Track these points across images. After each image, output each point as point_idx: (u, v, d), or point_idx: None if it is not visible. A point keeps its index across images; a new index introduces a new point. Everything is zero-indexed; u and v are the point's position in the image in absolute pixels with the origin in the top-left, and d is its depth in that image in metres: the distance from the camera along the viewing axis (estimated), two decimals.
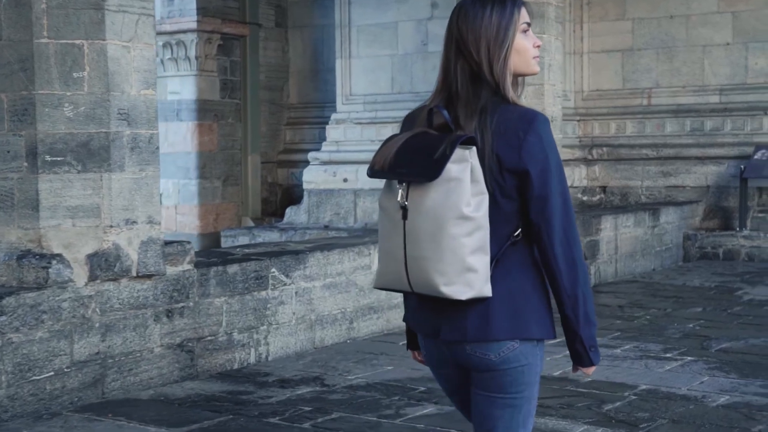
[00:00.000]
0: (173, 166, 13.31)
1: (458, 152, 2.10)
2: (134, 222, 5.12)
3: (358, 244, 6.71)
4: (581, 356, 2.25)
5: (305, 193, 12.54)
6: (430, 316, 2.23)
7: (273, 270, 5.99)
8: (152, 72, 5.20)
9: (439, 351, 2.28)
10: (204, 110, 13.18)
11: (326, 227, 12.14)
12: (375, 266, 6.79)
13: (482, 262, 2.11)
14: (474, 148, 2.13)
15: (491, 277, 2.15)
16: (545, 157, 2.17)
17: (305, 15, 14.44)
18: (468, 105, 2.19)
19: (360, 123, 12.28)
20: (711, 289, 8.61)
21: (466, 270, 2.09)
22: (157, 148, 5.26)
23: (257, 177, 14.14)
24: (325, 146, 12.56)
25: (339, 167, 12.34)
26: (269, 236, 11.96)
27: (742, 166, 10.68)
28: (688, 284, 8.94)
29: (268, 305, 5.98)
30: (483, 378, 2.23)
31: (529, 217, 2.21)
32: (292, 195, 14.07)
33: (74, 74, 4.92)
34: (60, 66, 4.91)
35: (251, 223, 13.70)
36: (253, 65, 13.99)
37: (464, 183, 2.09)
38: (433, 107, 2.23)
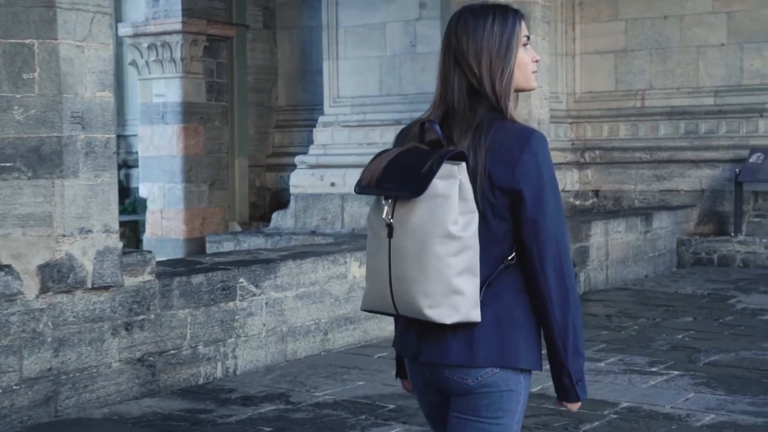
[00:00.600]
0: (159, 169, 13.07)
1: (446, 168, 2.02)
2: (89, 231, 4.86)
3: (333, 253, 6.46)
4: (567, 391, 2.16)
5: (292, 197, 12.29)
6: (414, 339, 2.15)
7: (241, 280, 5.73)
8: (108, 73, 4.94)
9: (422, 374, 2.19)
10: (190, 113, 12.94)
11: (313, 232, 11.89)
12: (351, 275, 6.54)
13: (470, 285, 2.02)
14: (463, 164, 2.04)
15: (480, 300, 2.07)
16: (539, 177, 2.09)
17: (294, 16, 14.19)
18: (464, 120, 2.11)
19: (348, 126, 12.03)
20: (703, 296, 8.35)
21: (452, 292, 2.00)
22: (114, 153, 5.00)
23: (245, 181, 13.89)
24: (312, 149, 12.32)
25: (326, 171, 12.10)
26: (254, 242, 11.71)
27: (737, 170, 10.42)
28: (680, 292, 8.68)
29: (236, 317, 5.72)
30: (460, 401, 2.14)
31: (520, 240, 2.12)
32: (281, 199, 13.81)
33: (24, 75, 4.67)
34: (8, 67, 4.65)
35: (238, 228, 13.45)
36: (240, 67, 13.75)
37: (451, 200, 2.00)
38: (426, 122, 2.15)
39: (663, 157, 11.35)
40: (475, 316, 2.04)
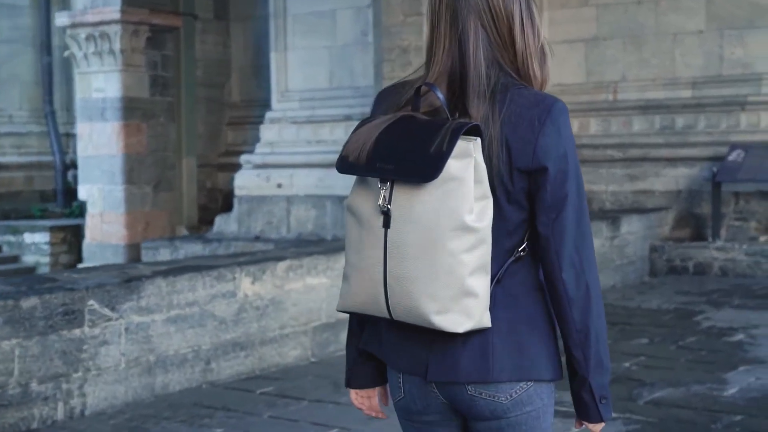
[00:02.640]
0: (98, 170, 12.16)
1: (460, 145, 1.70)
2: None
3: (218, 267, 5.51)
4: (588, 409, 1.85)
5: (235, 200, 11.39)
6: (414, 349, 1.83)
7: (91, 302, 4.78)
8: None
9: (424, 393, 1.86)
10: (131, 109, 12.03)
11: (257, 238, 10.97)
12: (242, 293, 5.59)
13: (483, 285, 1.74)
14: (479, 140, 1.72)
15: (494, 302, 1.78)
16: (564, 155, 1.79)
17: (248, 6, 13.26)
18: (478, 85, 1.78)
19: (296, 122, 11.11)
20: (668, 312, 7.38)
21: (465, 294, 1.70)
22: None
23: (193, 182, 12.98)
24: (258, 148, 11.41)
25: (273, 171, 11.17)
26: (192, 248, 10.82)
27: (714, 169, 9.45)
28: (643, 306, 7.72)
29: (85, 346, 4.77)
30: (488, 429, 1.83)
31: (536, 228, 1.81)
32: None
33: None
34: None
35: (186, 233, 12.53)
36: (188, 60, 12.84)
37: (466, 184, 1.69)
38: (425, 84, 1.79)
39: (636, 154, 10.39)
40: (487, 320, 1.75)
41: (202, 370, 5.38)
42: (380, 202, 1.73)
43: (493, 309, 1.77)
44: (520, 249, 1.82)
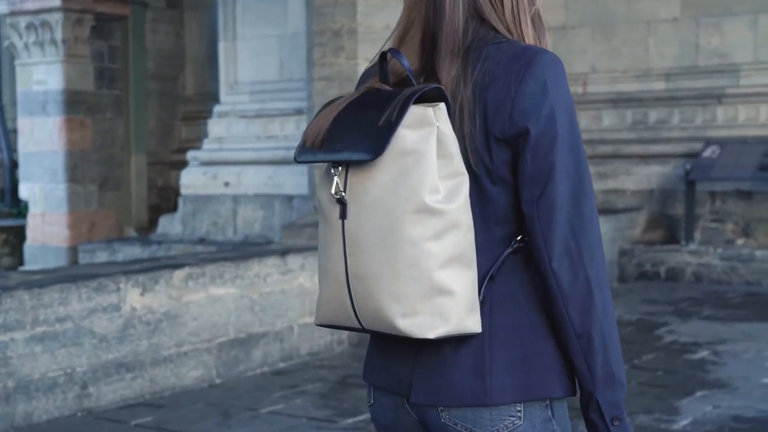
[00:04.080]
0: (39, 167, 11.46)
1: (416, 112, 1.42)
2: None
3: (99, 276, 4.80)
4: (598, 430, 1.52)
5: (180, 199, 10.66)
6: (396, 364, 1.55)
7: None
8: None
9: (395, 406, 1.58)
10: (74, 102, 11.32)
11: (202, 240, 10.26)
12: (128, 306, 4.89)
13: (462, 280, 1.43)
14: (442, 106, 1.43)
15: (484, 304, 1.49)
16: (550, 116, 1.47)
17: None
18: (452, 43, 1.51)
19: (245, 117, 10.38)
20: (629, 324, 6.68)
21: (435, 292, 1.41)
22: None
23: (143, 180, 12.27)
24: (206, 144, 10.68)
25: (220, 169, 10.44)
26: (131, 251, 10.09)
27: (688, 166, 8.76)
28: None
29: None
30: None
31: (520, 207, 1.50)
32: None
33: None
34: None
35: (134, 234, 11.83)
36: (137, 51, 12.13)
37: (427, 158, 1.41)
38: (388, 51, 1.52)
39: (606, 151, 9.68)
40: (473, 324, 1.44)
41: (76, 396, 4.67)
42: (333, 189, 1.48)
43: (489, 313, 1.50)
44: (518, 239, 1.53)
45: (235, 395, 5.00)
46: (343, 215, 1.49)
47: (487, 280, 1.51)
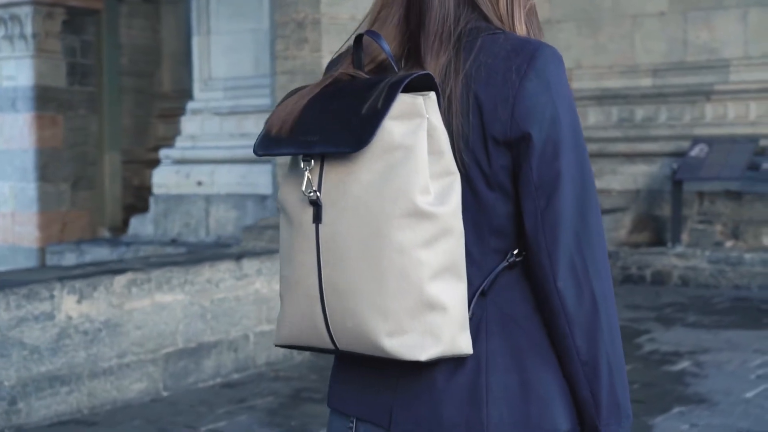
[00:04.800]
0: (9, 166, 11.14)
1: (405, 101, 1.27)
2: None
3: (30, 283, 4.46)
4: None
5: (152, 199, 10.31)
6: (374, 388, 1.37)
7: None
8: None
9: None
10: (45, 99, 10.99)
11: (173, 241, 9.91)
12: (63, 315, 4.55)
13: (454, 294, 1.27)
14: (433, 95, 1.28)
15: (480, 323, 1.35)
16: (555, 118, 1.33)
17: None
18: (441, 28, 1.36)
19: (219, 114, 10.03)
20: None
21: (427, 307, 1.25)
22: None
23: (117, 179, 11.93)
24: (179, 142, 10.33)
25: (193, 167, 10.09)
26: (99, 253, 9.75)
27: (674, 165, 8.42)
28: None
29: None
30: None
31: (522, 220, 1.36)
32: None
33: None
34: None
35: (107, 234, 11.49)
36: (111, 46, 11.79)
37: (417, 153, 1.26)
38: (366, 34, 1.35)
39: (592, 150, 9.29)
40: (465, 344, 1.29)
41: (4, 412, 4.33)
42: (304, 187, 1.30)
43: (485, 335, 1.36)
44: (515, 252, 1.38)
45: (178, 410, 4.66)
46: (317, 218, 1.31)
47: (477, 295, 1.35)
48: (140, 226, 10.37)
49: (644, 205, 9.04)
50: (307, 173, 1.30)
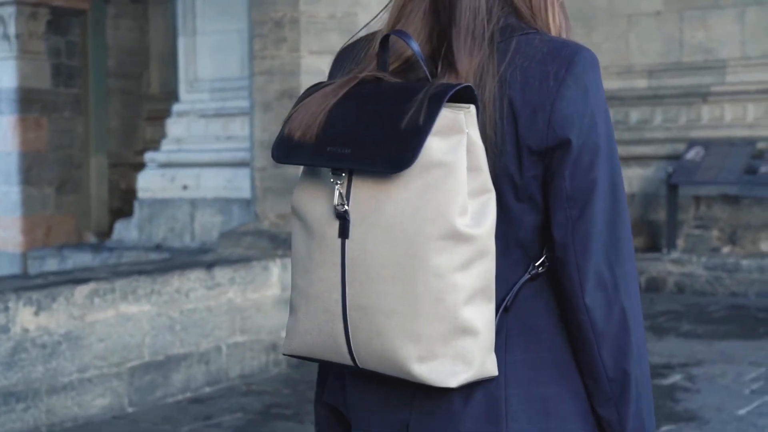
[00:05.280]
0: None
1: (446, 116, 1.21)
2: None
3: None
4: None
5: (137, 203, 10.09)
6: (390, 403, 1.33)
7: None
8: None
9: None
10: (29, 101, 10.78)
11: (158, 247, 9.69)
12: (18, 328, 4.33)
13: (486, 317, 1.24)
14: (472, 109, 1.23)
15: (500, 335, 1.30)
16: (593, 126, 1.29)
17: None
18: (473, 25, 1.28)
19: (205, 116, 9.81)
20: None
21: (460, 332, 1.22)
22: None
23: (104, 183, 11.71)
24: (164, 145, 10.11)
25: (179, 171, 9.86)
26: (81, 259, 9.53)
27: (670, 169, 8.19)
28: None
29: None
30: None
31: (551, 232, 1.31)
32: None
33: None
34: None
35: (93, 239, 11.26)
36: (97, 47, 11.58)
37: (457, 172, 1.21)
38: (393, 33, 1.27)
39: None
40: (492, 366, 1.26)
41: None
42: (336, 201, 1.22)
43: (504, 349, 1.30)
44: (537, 264, 1.32)
45: (140, 429, 4.43)
46: (343, 233, 1.25)
47: (501, 311, 1.31)
48: (125, 231, 10.15)
49: (639, 210, 8.81)
50: (338, 187, 1.24)
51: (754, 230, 8.21)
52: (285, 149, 1.28)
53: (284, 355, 1.36)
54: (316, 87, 1.31)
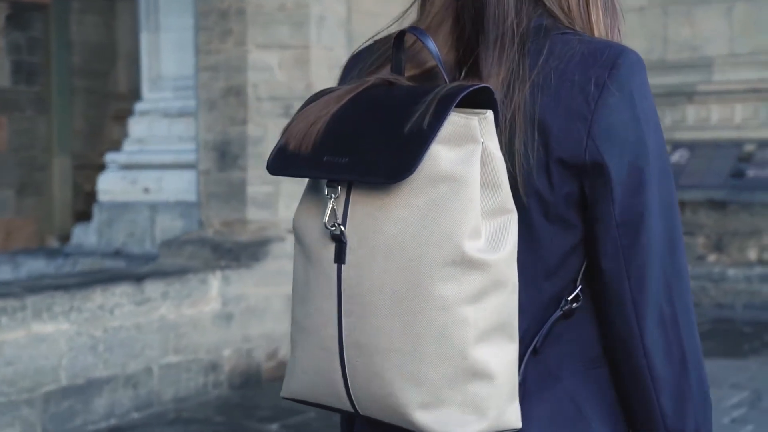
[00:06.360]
0: None
1: (456, 122, 1.08)
2: None
3: None
4: None
5: (96, 206, 9.64)
6: None
7: None
8: None
9: None
10: None
11: (117, 252, 9.24)
12: None
13: (503, 358, 1.10)
14: (489, 114, 1.09)
15: (524, 385, 1.16)
16: (640, 141, 1.15)
17: None
18: (502, 26, 1.17)
19: (168, 115, 9.37)
20: None
21: (469, 374, 1.08)
22: None
23: (68, 185, 11.28)
24: (126, 145, 9.67)
25: (140, 173, 9.40)
26: (35, 265, 9.10)
27: None
28: None
29: None
30: None
31: (598, 264, 1.18)
32: None
33: None
34: None
35: (56, 244, 10.82)
36: (61, 44, 11.15)
37: (469, 188, 1.07)
38: (410, 31, 1.15)
39: None
40: (513, 417, 1.10)
41: None
42: (327, 219, 1.10)
43: (530, 398, 1.16)
44: (570, 298, 1.18)
45: None
46: (339, 258, 1.12)
47: (528, 355, 1.17)
48: (83, 235, 9.70)
49: None
50: (331, 202, 1.11)
51: (741, 237, 7.78)
52: (280, 160, 1.17)
53: (283, 397, 1.23)
54: (321, 93, 1.19)
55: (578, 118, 1.14)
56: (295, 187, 5.61)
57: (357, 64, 1.30)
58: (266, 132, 5.43)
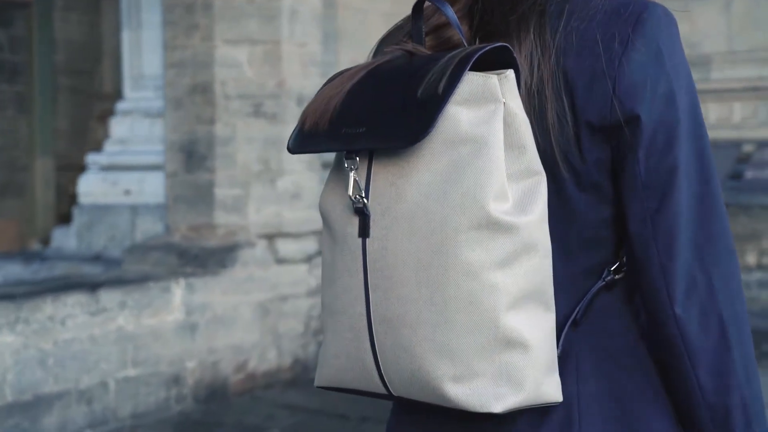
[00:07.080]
0: None
1: (474, 81, 1.05)
2: None
3: None
4: None
5: (76, 209, 9.39)
6: None
7: None
8: None
9: None
10: None
11: (97, 257, 8.99)
12: None
13: (539, 327, 1.06)
14: (510, 74, 1.06)
15: (565, 360, 1.13)
16: (669, 96, 1.10)
17: None
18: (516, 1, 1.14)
19: (149, 115, 9.13)
20: None
21: (502, 344, 1.04)
22: None
23: (50, 186, 11.05)
24: (107, 146, 9.43)
25: (121, 175, 9.16)
26: (11, 270, 8.84)
27: None
28: None
29: None
30: None
31: (627, 229, 1.14)
32: None
33: None
34: None
35: (37, 247, 10.57)
36: (43, 42, 10.92)
37: (491, 148, 1.04)
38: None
39: None
40: (553, 390, 1.06)
41: None
42: (351, 191, 1.08)
43: (575, 375, 1.13)
44: (612, 268, 1.15)
45: None
46: (363, 232, 1.08)
47: (567, 327, 1.13)
48: (64, 238, 9.46)
49: None
50: (352, 175, 1.08)
51: (739, 242, 7.50)
52: (298, 139, 1.15)
53: (317, 387, 1.20)
54: (340, 73, 1.17)
55: (603, 77, 1.10)
56: (265, 189, 5.34)
57: (387, 42, 1.26)
58: (235, 131, 5.15)
